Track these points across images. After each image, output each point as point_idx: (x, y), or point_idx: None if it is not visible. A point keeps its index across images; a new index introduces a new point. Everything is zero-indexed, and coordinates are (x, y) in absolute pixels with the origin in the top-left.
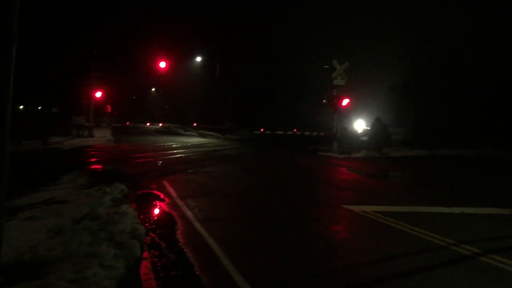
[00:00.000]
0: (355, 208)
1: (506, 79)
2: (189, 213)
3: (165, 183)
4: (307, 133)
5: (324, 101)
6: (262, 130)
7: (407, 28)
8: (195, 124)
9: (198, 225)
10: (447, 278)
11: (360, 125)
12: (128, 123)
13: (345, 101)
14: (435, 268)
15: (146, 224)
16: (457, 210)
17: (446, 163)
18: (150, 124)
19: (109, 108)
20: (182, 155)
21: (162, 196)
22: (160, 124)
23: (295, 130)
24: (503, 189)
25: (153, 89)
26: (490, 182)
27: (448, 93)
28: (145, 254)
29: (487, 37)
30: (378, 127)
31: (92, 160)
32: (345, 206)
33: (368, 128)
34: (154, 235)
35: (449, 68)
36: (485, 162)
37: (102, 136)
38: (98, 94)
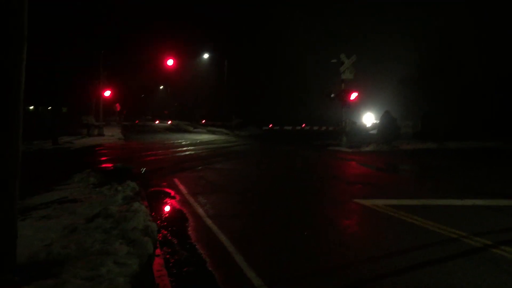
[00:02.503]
0: (366, 202)
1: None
2: (200, 210)
3: (176, 180)
4: (315, 127)
5: (332, 95)
6: (270, 125)
7: (416, 21)
8: (203, 121)
9: (209, 222)
10: (459, 270)
11: (369, 118)
12: (137, 121)
13: (354, 95)
14: (447, 260)
15: (158, 221)
16: (468, 202)
17: (456, 155)
18: (159, 122)
19: (118, 107)
20: (192, 152)
21: (173, 193)
22: (169, 122)
23: (303, 125)
24: (510, 180)
25: (162, 87)
26: (500, 174)
27: (455, 86)
28: (158, 251)
29: (493, 30)
30: (387, 120)
31: (103, 158)
32: (356, 200)
33: (377, 121)
34: (166, 232)
35: (456, 61)
36: (494, 154)
37: (112, 134)
38: (107, 93)
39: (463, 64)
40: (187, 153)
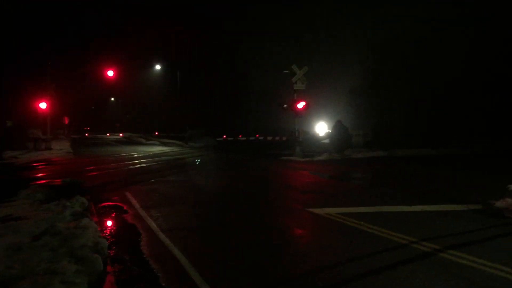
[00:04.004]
0: (319, 211)
1: (457, 80)
2: (153, 224)
3: (128, 194)
4: (269, 138)
5: (285, 105)
6: (224, 136)
7: (365, 32)
8: (157, 133)
9: (162, 236)
10: (410, 275)
11: (321, 128)
12: (87, 134)
13: (301, 104)
14: (398, 266)
15: (109, 237)
16: (417, 208)
17: (405, 162)
18: (110, 135)
19: (66, 120)
20: (144, 164)
21: (124, 207)
22: (121, 134)
23: (257, 135)
24: (457, 186)
25: (112, 99)
26: (445, 180)
27: (404, 96)
28: (109, 268)
29: (440, 40)
30: (339, 129)
31: (50, 173)
32: (309, 209)
33: (330, 131)
34: (117, 248)
35: (404, 71)
36: (440, 161)
37: (60, 148)
38: (43, 105)
39: (411, 75)
40: (140, 166)
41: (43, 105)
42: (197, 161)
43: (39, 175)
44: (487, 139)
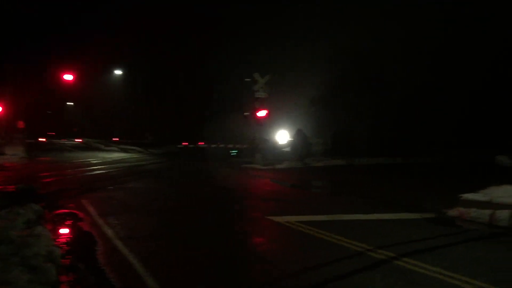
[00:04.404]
0: (279, 219)
1: (419, 90)
2: (109, 232)
3: (84, 202)
4: (231, 145)
5: (246, 113)
6: (185, 143)
7: (326, 42)
8: (116, 139)
9: (119, 244)
10: (367, 283)
11: (283, 136)
12: (43, 139)
13: (262, 112)
14: (354, 274)
15: (63, 246)
16: (374, 216)
17: (364, 171)
18: (67, 140)
19: (21, 124)
20: (103, 171)
21: (80, 215)
22: (79, 140)
23: (219, 143)
24: (414, 194)
25: (71, 104)
26: (403, 188)
27: (363, 106)
28: (63, 277)
29: (398, 51)
30: (299, 138)
31: (3, 179)
32: (269, 217)
33: (291, 139)
34: (72, 257)
35: (363, 81)
36: (399, 170)
37: (14, 153)
38: (7, 110)
39: (372, 86)
40: (98, 172)
41: (6, 110)
42: (156, 168)
43: None
44: (450, 149)
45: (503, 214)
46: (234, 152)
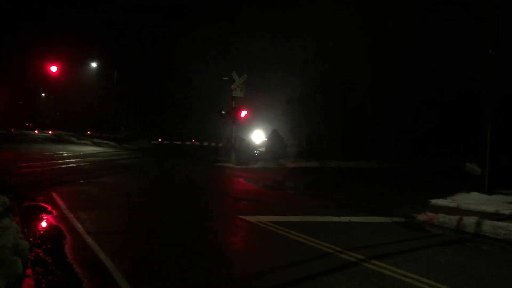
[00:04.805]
0: (251, 218)
1: (394, 95)
2: (79, 226)
3: (54, 195)
4: (206, 143)
5: (223, 112)
6: (160, 140)
7: (304, 44)
8: (89, 132)
9: (88, 239)
10: (336, 283)
11: (258, 136)
12: (13, 130)
13: (244, 113)
14: (324, 275)
15: (31, 239)
16: (344, 219)
17: (336, 174)
18: (39, 132)
19: None
20: (74, 164)
21: (49, 208)
22: (51, 132)
23: (193, 140)
24: (385, 199)
25: (43, 94)
26: (374, 192)
27: (337, 109)
28: (29, 271)
29: (375, 54)
30: (275, 138)
31: None
32: (241, 216)
33: (266, 139)
34: (39, 251)
35: (339, 85)
36: (371, 174)
37: None
38: None
39: (346, 88)
40: (69, 165)
41: None
42: (130, 164)
43: None
44: (422, 155)
45: (470, 220)
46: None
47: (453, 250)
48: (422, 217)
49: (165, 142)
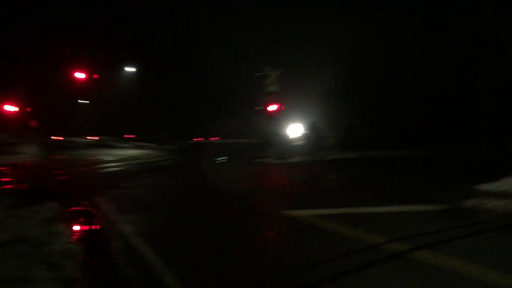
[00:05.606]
0: (291, 213)
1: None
2: (125, 229)
3: (100, 199)
4: (242, 140)
5: (258, 108)
6: (199, 139)
7: (338, 35)
8: (129, 136)
9: (135, 241)
10: (383, 276)
11: (294, 130)
12: (56, 137)
13: (274, 107)
14: (369, 267)
15: (80, 243)
16: (387, 209)
17: (377, 164)
18: (81, 138)
19: (34, 123)
20: (117, 168)
21: (96, 212)
22: (92, 137)
23: (230, 138)
24: (426, 185)
25: (83, 101)
26: (415, 180)
27: (376, 97)
28: (80, 274)
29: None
30: (312, 132)
31: (18, 178)
32: (282, 212)
33: (303, 133)
34: (89, 254)
35: (376, 74)
36: (411, 161)
37: (28, 152)
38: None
39: (382, 77)
40: (111, 169)
41: (10, 108)
42: (169, 165)
43: (6, 180)
44: (463, 141)
45: None
46: (223, 159)
47: (502, 236)
48: (467, 203)
49: (203, 141)
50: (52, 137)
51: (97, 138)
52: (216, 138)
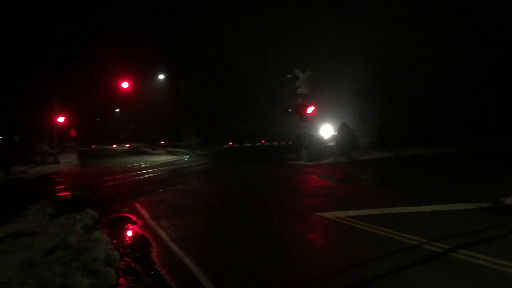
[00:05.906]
0: (327, 214)
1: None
2: (163, 234)
3: (137, 205)
4: (275, 143)
5: (289, 110)
6: (230, 143)
7: (368, 35)
8: (162, 142)
9: (173, 245)
10: (423, 276)
11: (327, 131)
12: (94, 146)
13: (310, 109)
14: (409, 268)
15: (120, 249)
16: (426, 208)
17: (411, 162)
18: (117, 146)
19: (73, 132)
20: (152, 174)
21: (134, 218)
22: (127, 145)
23: (263, 141)
24: (465, 184)
25: (117, 110)
26: (453, 177)
27: (407, 96)
28: (121, 280)
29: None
30: (344, 132)
31: (60, 187)
32: (317, 213)
33: (335, 133)
34: (129, 260)
35: (406, 73)
36: (447, 159)
37: (68, 161)
38: (61, 119)
39: (413, 75)
40: (147, 176)
41: (61, 119)
42: (203, 169)
43: (48, 189)
44: (495, 137)
45: None
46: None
47: None
48: (510, 200)
49: (235, 145)
50: (91, 146)
51: (133, 145)
52: (248, 142)
